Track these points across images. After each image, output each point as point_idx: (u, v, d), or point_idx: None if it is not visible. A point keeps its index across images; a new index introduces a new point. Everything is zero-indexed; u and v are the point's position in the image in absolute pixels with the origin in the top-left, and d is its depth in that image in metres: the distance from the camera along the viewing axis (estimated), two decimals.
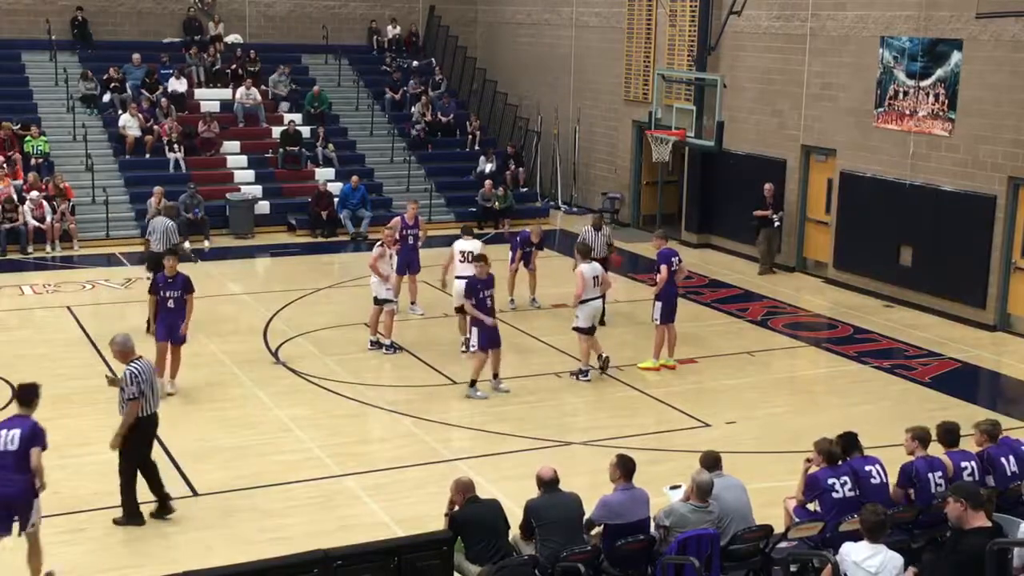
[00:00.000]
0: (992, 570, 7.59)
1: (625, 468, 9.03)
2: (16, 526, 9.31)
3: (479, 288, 14.34)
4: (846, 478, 9.23)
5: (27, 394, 9.69)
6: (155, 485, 10.84)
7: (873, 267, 20.04)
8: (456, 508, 8.94)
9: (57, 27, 27.87)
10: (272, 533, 10.43)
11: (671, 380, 15.29)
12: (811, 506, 9.38)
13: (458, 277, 16.05)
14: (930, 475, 9.47)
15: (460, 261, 16.23)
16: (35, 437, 9.32)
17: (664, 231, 16.69)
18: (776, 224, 21.35)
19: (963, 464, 9.63)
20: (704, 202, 24.08)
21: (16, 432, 9.28)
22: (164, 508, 10.85)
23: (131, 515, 10.66)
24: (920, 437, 9.64)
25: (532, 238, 18.33)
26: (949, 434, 9.84)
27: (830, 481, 9.20)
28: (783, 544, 8.96)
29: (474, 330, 14.42)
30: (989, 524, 7.90)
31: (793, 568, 8.74)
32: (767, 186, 21.37)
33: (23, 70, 27.17)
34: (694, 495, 8.80)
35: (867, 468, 9.46)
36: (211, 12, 29.83)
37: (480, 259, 14.61)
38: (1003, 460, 9.74)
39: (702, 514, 8.72)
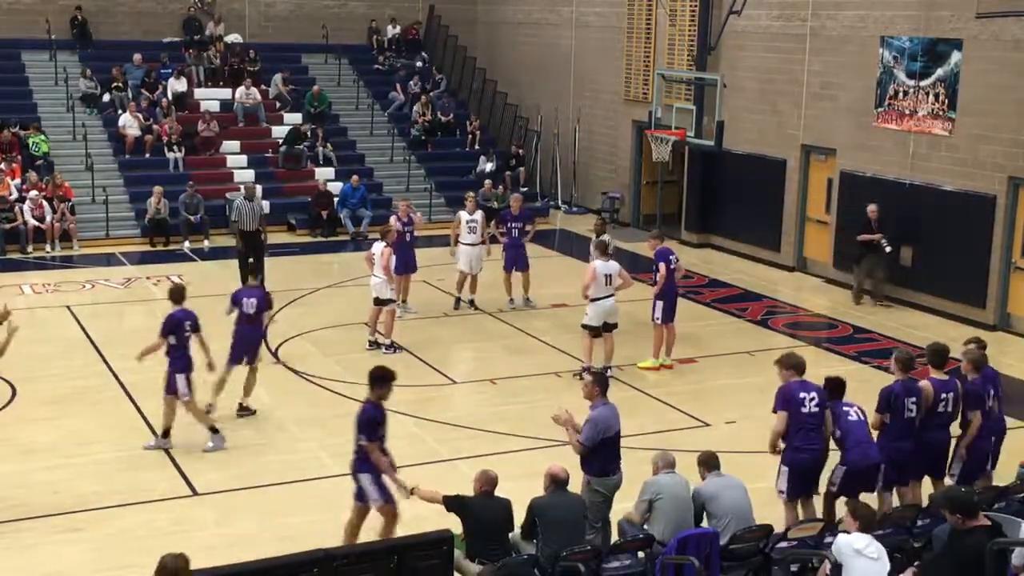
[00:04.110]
0: (992, 570, 7.59)
1: (602, 384, 9.97)
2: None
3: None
4: (814, 393, 9.93)
5: (258, 269, 14.19)
6: None
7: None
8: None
9: (57, 27, 27.88)
10: (272, 533, 10.44)
11: (671, 380, 15.29)
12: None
13: (463, 244, 18.16)
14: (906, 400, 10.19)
15: (469, 232, 18.15)
16: (266, 302, 13.53)
17: (660, 231, 16.70)
18: (888, 250, 18.89)
19: (943, 396, 10.33)
20: (704, 202, 24.08)
21: (254, 300, 13.42)
22: None
23: None
24: (903, 360, 10.36)
25: (512, 211, 18.58)
26: (936, 355, 10.54)
27: (801, 395, 9.89)
28: (783, 544, 8.97)
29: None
30: (988, 523, 7.91)
31: (793, 568, 8.75)
32: (871, 207, 19.12)
33: (23, 70, 27.18)
34: (661, 468, 9.38)
35: (845, 408, 10.10)
36: (211, 12, 29.83)
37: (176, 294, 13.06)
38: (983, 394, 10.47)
39: (676, 477, 9.32)
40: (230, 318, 13.70)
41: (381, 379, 9.78)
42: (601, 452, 9.65)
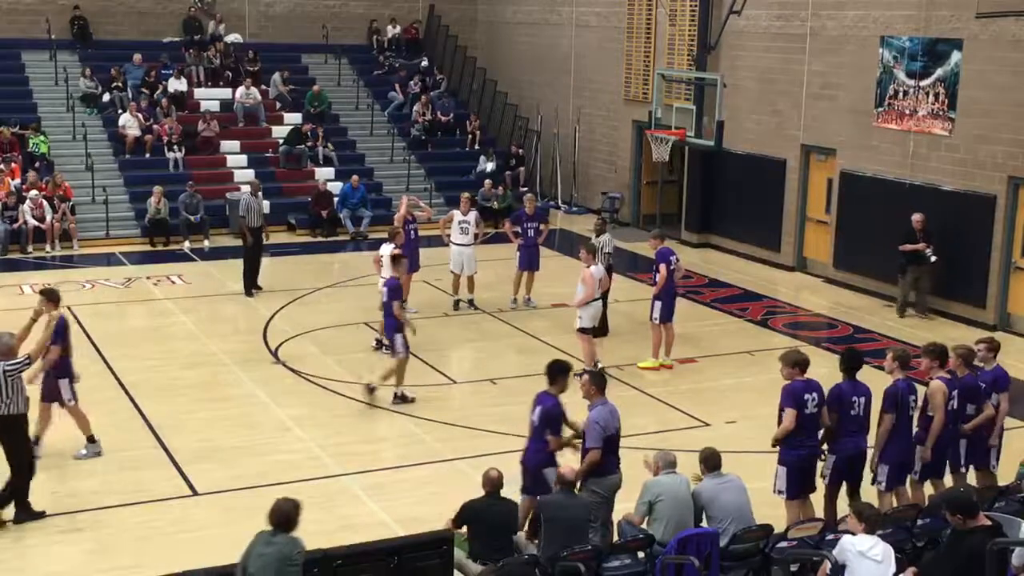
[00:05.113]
0: (992, 569, 7.59)
1: (600, 383, 9.83)
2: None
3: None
4: (815, 394, 9.95)
5: (398, 260, 14.44)
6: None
7: (873, 267, 20.04)
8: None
9: (57, 27, 27.89)
10: None
11: (671, 380, 15.28)
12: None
13: (454, 244, 18.26)
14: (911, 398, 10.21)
15: (461, 233, 18.17)
16: (394, 291, 13.89)
17: (661, 231, 16.70)
18: (932, 259, 18.19)
19: (952, 394, 10.30)
20: (704, 202, 24.08)
21: (386, 289, 13.96)
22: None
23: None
24: (901, 358, 10.27)
25: (527, 211, 18.63)
26: (943, 355, 10.53)
27: (805, 396, 9.88)
28: (783, 544, 8.96)
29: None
30: (988, 523, 7.91)
31: (793, 568, 8.75)
32: (916, 216, 18.29)
33: (23, 70, 27.18)
34: (661, 468, 9.30)
35: (853, 399, 10.08)
36: (211, 11, 29.83)
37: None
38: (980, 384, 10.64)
39: (676, 477, 9.24)
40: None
41: (562, 371, 9.99)
42: (603, 451, 9.61)
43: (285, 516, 7.69)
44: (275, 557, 7.51)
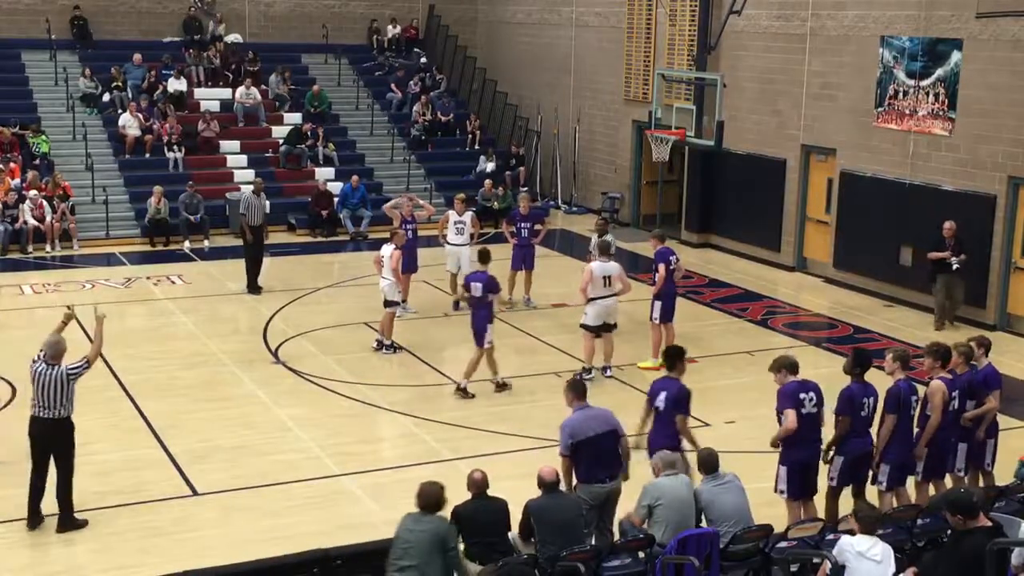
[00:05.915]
0: (992, 569, 7.59)
1: (576, 390, 9.80)
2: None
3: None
4: (813, 394, 9.97)
5: (485, 256, 14.68)
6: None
7: (873, 267, 20.04)
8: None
9: (57, 27, 27.88)
10: (272, 533, 10.43)
11: None
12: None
13: (449, 244, 18.47)
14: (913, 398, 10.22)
15: (456, 234, 18.31)
16: (489, 287, 14.14)
17: (661, 231, 16.68)
18: (955, 267, 17.77)
19: (953, 394, 10.37)
20: (704, 202, 24.08)
21: (479, 285, 14.14)
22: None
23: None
24: (901, 358, 10.27)
25: (521, 211, 18.78)
26: (946, 355, 10.52)
27: (801, 396, 9.90)
28: (783, 544, 8.96)
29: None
30: (989, 524, 7.91)
31: (793, 568, 8.75)
32: (947, 224, 17.78)
33: (23, 70, 27.17)
34: (662, 470, 9.24)
35: (863, 400, 10.05)
36: (211, 11, 29.84)
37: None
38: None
39: (675, 480, 9.16)
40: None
41: (680, 356, 10.83)
42: (581, 457, 9.44)
43: (435, 498, 8.12)
44: (431, 532, 7.99)
